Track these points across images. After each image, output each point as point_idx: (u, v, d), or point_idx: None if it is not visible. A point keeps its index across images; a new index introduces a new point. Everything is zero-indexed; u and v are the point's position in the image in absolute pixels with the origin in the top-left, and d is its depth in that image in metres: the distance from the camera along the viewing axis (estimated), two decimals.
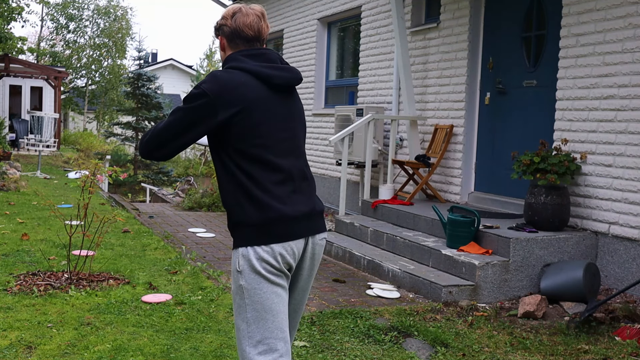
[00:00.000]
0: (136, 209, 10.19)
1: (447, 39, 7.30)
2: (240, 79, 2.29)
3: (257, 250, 2.27)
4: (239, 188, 2.29)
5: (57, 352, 3.65)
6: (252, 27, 2.40)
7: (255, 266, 2.27)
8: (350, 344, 4.00)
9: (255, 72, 2.32)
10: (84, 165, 16.58)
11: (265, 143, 2.29)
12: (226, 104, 2.24)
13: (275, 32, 12.08)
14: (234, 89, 2.26)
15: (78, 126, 31.14)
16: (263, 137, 2.29)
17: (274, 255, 2.28)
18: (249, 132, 2.26)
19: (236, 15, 2.41)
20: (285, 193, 2.31)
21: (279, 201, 2.28)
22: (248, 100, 2.27)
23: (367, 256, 6.01)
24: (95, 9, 30.10)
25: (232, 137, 2.27)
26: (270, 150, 2.30)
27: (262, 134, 2.28)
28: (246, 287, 2.29)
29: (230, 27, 2.41)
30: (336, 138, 7.51)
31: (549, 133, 5.94)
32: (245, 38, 2.40)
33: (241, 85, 2.28)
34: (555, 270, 5.07)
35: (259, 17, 2.42)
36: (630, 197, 5.15)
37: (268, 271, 2.28)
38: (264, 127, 2.29)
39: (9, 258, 5.77)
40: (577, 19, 5.64)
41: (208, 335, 4.03)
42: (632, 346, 4.04)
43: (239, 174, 2.29)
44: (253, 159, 2.28)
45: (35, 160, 16.01)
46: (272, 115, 2.32)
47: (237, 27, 2.40)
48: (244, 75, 2.30)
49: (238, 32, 2.40)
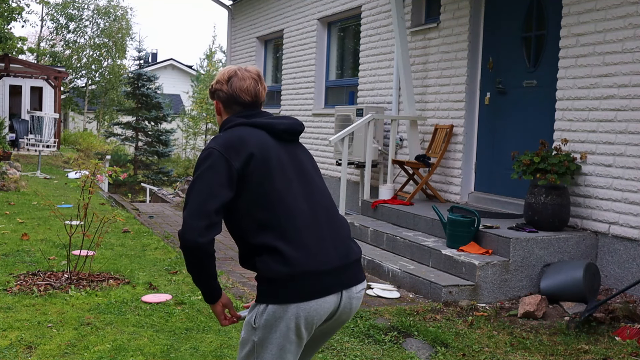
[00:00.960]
0: (136, 209, 10.19)
1: (447, 39, 7.30)
2: (242, 132, 2.22)
3: (279, 309, 2.08)
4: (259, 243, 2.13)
5: (57, 352, 3.65)
6: (249, 92, 2.31)
7: (271, 328, 2.10)
8: (350, 344, 4.00)
9: (257, 124, 2.26)
10: (84, 165, 16.57)
11: (279, 195, 2.15)
12: (236, 153, 2.14)
13: (275, 32, 12.08)
14: (239, 139, 2.19)
15: (78, 126, 31.13)
16: (276, 191, 2.15)
17: (297, 317, 2.07)
18: (258, 185, 2.14)
19: (232, 79, 2.32)
20: (310, 242, 2.11)
21: (305, 255, 2.08)
22: (254, 145, 2.18)
23: (367, 256, 6.01)
24: (95, 9, 30.11)
25: (247, 188, 2.14)
26: (286, 202, 2.15)
27: (269, 187, 2.14)
28: (258, 343, 2.13)
29: (227, 92, 2.32)
30: (336, 138, 7.51)
31: (549, 133, 5.94)
32: (243, 103, 2.32)
33: (245, 135, 2.20)
34: (555, 270, 5.07)
35: (256, 81, 2.33)
36: (630, 197, 5.15)
37: (286, 335, 2.09)
38: (269, 182, 2.14)
39: (9, 258, 5.77)
40: (577, 19, 5.63)
41: (208, 335, 4.03)
42: (632, 346, 4.04)
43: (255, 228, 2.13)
44: (268, 213, 2.13)
45: (35, 160, 16.01)
46: (285, 165, 2.20)
47: (233, 93, 2.31)
48: (245, 129, 2.24)
49: (235, 97, 2.31)
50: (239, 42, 14.06)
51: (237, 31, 14.22)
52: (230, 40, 14.57)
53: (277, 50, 12.53)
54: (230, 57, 14.60)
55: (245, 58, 13.73)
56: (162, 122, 22.12)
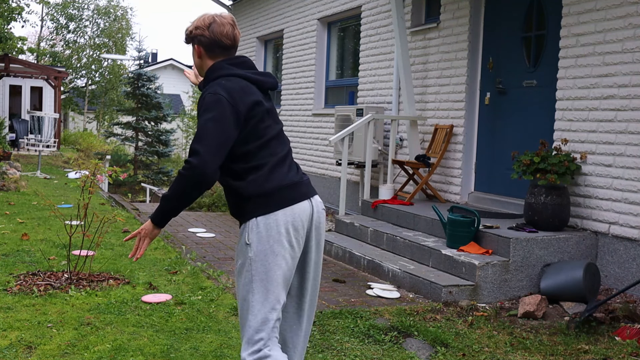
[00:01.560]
0: (136, 209, 10.19)
1: (447, 39, 7.31)
2: (241, 83, 2.55)
3: (263, 220, 2.46)
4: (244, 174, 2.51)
5: (57, 352, 3.65)
6: (228, 36, 2.61)
7: (263, 235, 2.45)
8: (350, 344, 4.00)
9: (250, 79, 2.58)
10: (84, 165, 16.58)
11: (264, 133, 2.55)
12: (241, 101, 2.48)
13: (275, 32, 12.08)
14: (241, 89, 2.52)
15: (78, 126, 31.15)
16: (261, 130, 2.55)
17: (285, 222, 2.48)
18: (253, 125, 2.52)
19: (212, 25, 2.59)
20: (284, 169, 2.57)
21: (281, 175, 2.54)
22: (253, 95, 2.53)
23: (367, 256, 6.01)
24: (95, 9, 30.11)
25: (247, 127, 2.51)
26: (270, 139, 2.57)
27: (259, 128, 2.54)
28: (253, 258, 2.46)
29: (209, 37, 2.60)
30: (336, 138, 7.51)
31: (549, 133, 5.94)
32: (224, 47, 2.62)
33: (245, 87, 2.54)
34: (555, 270, 5.07)
35: (232, 26, 2.63)
36: (630, 197, 5.15)
37: (277, 238, 2.46)
38: (258, 123, 2.55)
39: (9, 258, 5.77)
40: (577, 19, 5.64)
41: (208, 335, 4.03)
42: (632, 346, 4.05)
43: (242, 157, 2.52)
44: (259, 145, 2.52)
45: (35, 160, 16.01)
46: (268, 112, 2.59)
47: (215, 37, 2.59)
48: (241, 81, 2.56)
49: (217, 41, 2.60)
50: (239, 42, 14.06)
51: None
52: None
53: (277, 50, 12.53)
54: None
55: None
56: (162, 122, 22.11)
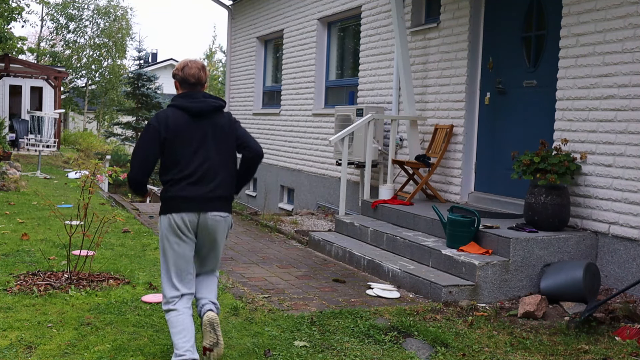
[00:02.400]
0: (136, 209, 10.19)
1: (447, 39, 7.31)
2: (168, 112, 3.57)
3: (162, 217, 3.57)
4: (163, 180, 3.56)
5: (57, 352, 3.65)
6: (194, 76, 3.63)
7: (161, 227, 3.58)
8: (350, 344, 4.00)
9: (180, 106, 3.57)
10: (84, 165, 16.58)
11: (179, 150, 3.51)
12: (162, 126, 3.51)
13: (275, 32, 12.09)
14: (165, 117, 3.54)
15: (78, 126, 31.14)
16: (177, 147, 3.51)
17: (172, 221, 3.52)
18: (169, 144, 3.50)
19: (184, 68, 3.63)
20: (184, 183, 3.50)
21: (179, 188, 3.50)
22: (171, 125, 3.52)
23: (367, 256, 6.01)
24: (95, 9, 30.11)
25: (165, 149, 3.51)
26: (183, 156, 3.50)
27: (175, 146, 3.51)
28: (160, 239, 3.62)
29: (180, 76, 3.64)
30: (336, 138, 7.51)
31: (549, 133, 5.94)
32: (190, 83, 3.64)
33: (170, 115, 3.55)
34: (555, 270, 5.07)
35: (199, 69, 3.64)
36: (630, 197, 5.15)
37: (168, 231, 3.54)
38: (175, 142, 3.51)
39: (9, 258, 5.77)
40: (577, 19, 5.64)
41: None
42: (632, 346, 4.05)
43: (162, 171, 3.55)
44: (172, 162, 3.52)
45: (35, 160, 16.02)
46: (188, 133, 3.53)
47: (184, 77, 3.63)
48: (171, 109, 3.58)
49: (185, 80, 3.64)
50: (239, 42, 14.06)
51: (237, 31, 14.23)
52: (230, 40, 14.57)
53: (277, 50, 12.53)
54: (230, 57, 14.60)
55: (245, 58, 13.73)
56: None
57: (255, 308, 4.64)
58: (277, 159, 11.87)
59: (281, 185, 11.77)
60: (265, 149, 12.43)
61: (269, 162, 12.14)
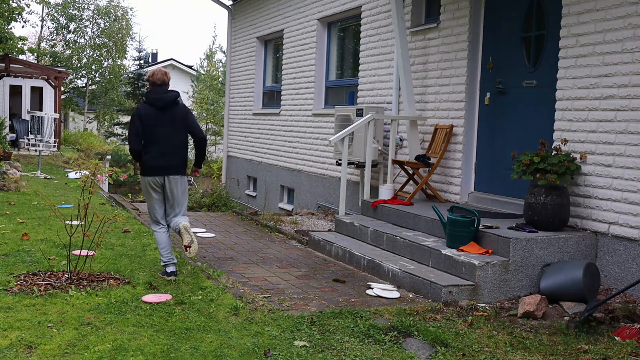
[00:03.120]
0: (136, 209, 10.19)
1: (447, 39, 7.31)
2: (142, 106, 5.49)
3: (142, 178, 5.53)
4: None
5: (57, 352, 3.65)
6: (159, 79, 5.52)
7: (142, 184, 5.57)
8: (350, 344, 4.01)
9: (150, 101, 5.47)
10: (84, 165, 16.58)
11: (150, 133, 5.43)
12: (141, 116, 5.42)
13: (275, 32, 12.09)
14: (142, 109, 5.46)
15: (78, 126, 31.13)
16: (149, 131, 5.42)
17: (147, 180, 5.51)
18: (145, 129, 5.41)
19: (154, 75, 5.52)
20: (154, 155, 5.44)
21: (151, 159, 5.44)
22: (145, 114, 5.43)
23: (367, 256, 6.01)
24: (96, 9, 30.11)
25: (142, 131, 5.43)
26: (152, 137, 5.43)
27: (148, 130, 5.42)
28: (143, 192, 5.62)
29: (152, 80, 5.52)
30: (336, 138, 7.52)
31: (549, 133, 5.95)
32: (157, 84, 5.51)
33: (144, 108, 5.46)
34: (555, 270, 5.08)
35: (163, 74, 5.54)
36: (630, 197, 5.15)
37: (146, 187, 5.53)
38: (148, 128, 5.42)
39: (9, 258, 5.78)
40: (577, 19, 5.64)
41: (208, 335, 4.03)
42: (631, 346, 4.05)
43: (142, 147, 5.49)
44: (147, 141, 5.44)
45: (35, 160, 16.02)
46: (156, 121, 5.43)
47: (153, 80, 5.51)
48: (143, 105, 5.50)
49: (154, 82, 5.52)
50: (239, 42, 14.06)
51: (237, 31, 14.23)
52: (230, 40, 14.57)
53: (277, 50, 12.53)
54: (230, 57, 14.60)
55: (245, 58, 13.73)
56: None
57: (255, 308, 4.64)
58: (277, 159, 11.88)
59: (281, 185, 11.78)
60: (265, 149, 12.44)
61: (269, 162, 12.14)
